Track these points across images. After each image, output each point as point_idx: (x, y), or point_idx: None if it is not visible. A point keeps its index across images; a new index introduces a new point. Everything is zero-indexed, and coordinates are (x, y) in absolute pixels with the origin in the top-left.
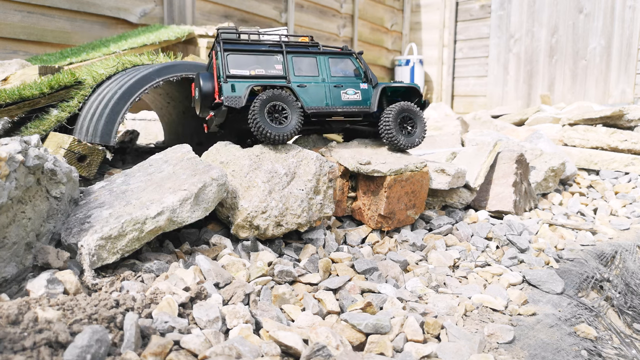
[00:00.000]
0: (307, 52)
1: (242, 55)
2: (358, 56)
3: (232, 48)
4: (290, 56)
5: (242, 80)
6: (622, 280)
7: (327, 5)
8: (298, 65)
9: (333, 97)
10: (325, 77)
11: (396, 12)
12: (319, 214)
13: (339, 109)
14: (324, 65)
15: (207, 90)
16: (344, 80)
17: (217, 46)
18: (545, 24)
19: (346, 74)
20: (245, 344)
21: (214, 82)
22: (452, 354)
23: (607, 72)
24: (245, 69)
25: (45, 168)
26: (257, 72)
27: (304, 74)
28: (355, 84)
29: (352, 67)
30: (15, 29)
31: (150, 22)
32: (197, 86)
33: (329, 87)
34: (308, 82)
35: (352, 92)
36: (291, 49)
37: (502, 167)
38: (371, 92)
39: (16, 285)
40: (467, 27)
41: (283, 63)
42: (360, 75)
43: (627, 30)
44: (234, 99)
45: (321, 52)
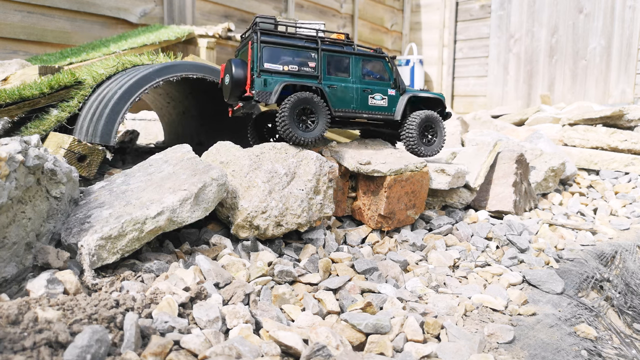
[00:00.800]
0: (341, 51)
1: (277, 48)
2: (390, 60)
3: (269, 40)
4: (324, 54)
5: (274, 75)
6: (622, 280)
7: (327, 5)
8: (331, 65)
9: (360, 101)
10: (355, 80)
11: (396, 12)
12: (319, 214)
13: (364, 114)
14: (356, 67)
15: (238, 78)
16: (373, 84)
17: (253, 35)
18: (545, 24)
19: (376, 77)
20: (245, 344)
21: (247, 71)
22: (452, 354)
23: (607, 72)
24: (278, 64)
25: (45, 168)
26: (290, 69)
27: (335, 75)
28: (384, 89)
29: (382, 71)
30: (15, 29)
31: (150, 22)
32: (227, 72)
33: (358, 91)
34: (338, 83)
35: (379, 98)
36: (326, 46)
37: (502, 167)
38: (398, 99)
39: (16, 285)
40: (467, 27)
41: (317, 61)
42: (389, 80)
43: (627, 30)
44: (264, 95)
45: (355, 52)
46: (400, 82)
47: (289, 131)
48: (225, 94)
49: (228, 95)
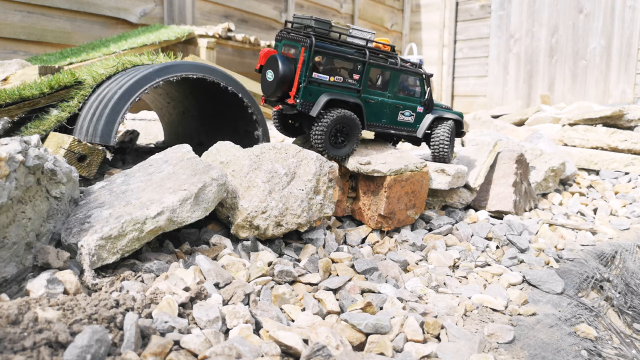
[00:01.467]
0: (385, 66)
1: (328, 57)
2: (427, 79)
3: (322, 48)
4: (370, 67)
5: (320, 87)
6: (622, 280)
7: (327, 5)
8: (372, 78)
9: (391, 116)
10: (391, 95)
11: (396, 12)
12: (319, 214)
13: (392, 130)
14: (394, 82)
15: (283, 78)
16: (405, 100)
17: (307, 40)
18: (545, 24)
19: (409, 92)
20: (245, 344)
21: (293, 71)
22: (452, 354)
23: (607, 72)
24: (326, 74)
25: (45, 168)
26: (336, 80)
27: (375, 89)
28: (414, 106)
29: (416, 87)
30: (15, 29)
31: (150, 22)
32: (270, 68)
33: (391, 107)
34: (375, 98)
35: (407, 114)
36: (373, 59)
37: (502, 167)
38: (424, 116)
39: (16, 285)
40: (467, 27)
41: (361, 73)
42: (420, 96)
43: (627, 30)
44: (308, 105)
45: (397, 68)
46: (430, 99)
47: (322, 146)
48: (265, 89)
49: (269, 92)
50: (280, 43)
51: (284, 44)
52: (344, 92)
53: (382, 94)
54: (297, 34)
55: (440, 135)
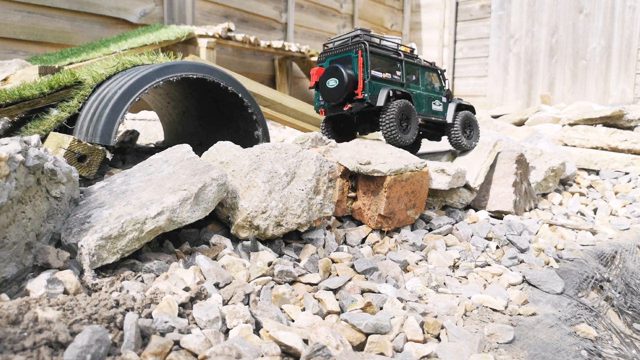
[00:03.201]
0: (415, 63)
1: (378, 58)
2: (442, 73)
3: (373, 51)
4: (405, 65)
5: (380, 82)
6: (622, 280)
7: (327, 5)
8: (409, 74)
9: (428, 106)
10: (423, 88)
11: (396, 12)
12: (319, 214)
13: (432, 117)
14: (423, 77)
15: (348, 79)
16: (432, 92)
17: (362, 46)
18: (545, 24)
19: (432, 86)
20: (245, 344)
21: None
22: (452, 354)
23: (607, 72)
24: (379, 72)
25: (45, 168)
26: (386, 76)
27: (413, 83)
28: (439, 96)
29: (436, 81)
30: (15, 29)
31: (150, 22)
32: (334, 76)
33: (426, 97)
34: (415, 91)
35: (438, 104)
36: (407, 58)
37: (502, 167)
38: (447, 105)
39: (16, 285)
40: (467, 27)
41: (401, 70)
42: (441, 89)
43: (627, 30)
44: (374, 98)
45: (422, 65)
46: (449, 90)
47: (394, 133)
48: (330, 96)
49: (337, 96)
50: (324, 62)
51: (329, 61)
52: (396, 86)
53: (418, 88)
54: (344, 46)
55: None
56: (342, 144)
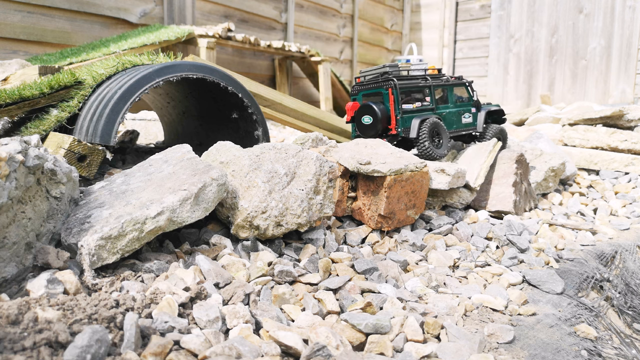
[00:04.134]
0: (442, 84)
1: (407, 91)
2: (470, 85)
3: (402, 85)
4: (434, 88)
5: (411, 114)
6: (622, 280)
7: (327, 5)
8: (437, 96)
9: (457, 121)
10: (452, 105)
11: (396, 12)
12: (319, 214)
13: (462, 131)
14: (451, 94)
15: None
16: (462, 106)
17: (390, 83)
18: (545, 24)
19: (461, 99)
20: (245, 344)
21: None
22: (452, 354)
23: (607, 72)
24: (410, 104)
25: (45, 168)
26: (417, 106)
27: (442, 104)
28: (468, 108)
29: (464, 93)
30: (15, 29)
31: (150, 22)
32: (367, 114)
33: (456, 113)
34: (445, 110)
35: (467, 116)
36: (434, 82)
37: (502, 167)
38: (477, 114)
39: (16, 285)
40: (467, 27)
41: (430, 95)
42: (470, 100)
43: (627, 30)
44: (407, 131)
45: (449, 83)
46: (477, 100)
47: (429, 150)
48: (366, 132)
49: (373, 132)
50: (357, 96)
51: (362, 94)
52: (426, 113)
53: (448, 107)
54: (375, 82)
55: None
56: (342, 144)
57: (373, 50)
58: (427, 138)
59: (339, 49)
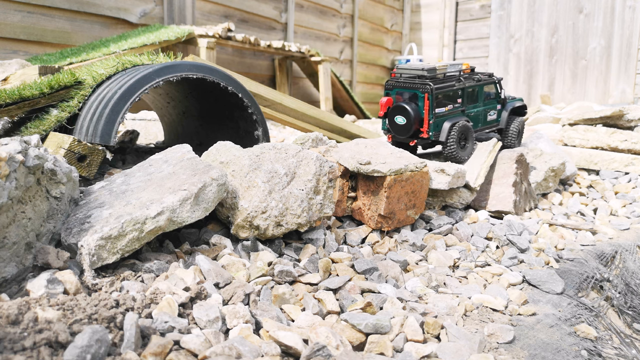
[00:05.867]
0: (474, 84)
1: (443, 94)
2: (499, 82)
3: (438, 90)
4: (466, 89)
5: (442, 117)
6: (622, 280)
7: (327, 5)
8: (468, 97)
9: (484, 118)
10: (480, 103)
11: (396, 12)
12: (319, 214)
13: (486, 128)
14: (481, 93)
15: (414, 118)
16: (489, 103)
17: (427, 88)
18: (545, 24)
19: (489, 96)
20: (245, 343)
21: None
22: (452, 354)
23: (607, 72)
24: (442, 107)
25: (45, 168)
26: (448, 109)
27: (472, 103)
28: (494, 105)
29: (492, 90)
30: (15, 29)
31: (150, 22)
32: (400, 114)
33: (483, 112)
34: (474, 110)
35: (492, 113)
36: (468, 83)
37: (502, 167)
38: (502, 111)
39: (16, 285)
40: (467, 27)
41: (462, 97)
42: (497, 97)
43: (627, 30)
44: (437, 134)
45: (481, 82)
46: (504, 98)
47: (455, 154)
48: (398, 132)
49: (405, 134)
50: (391, 91)
51: (396, 91)
52: (456, 115)
53: (477, 106)
54: (411, 82)
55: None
56: (342, 144)
57: (373, 50)
58: (455, 142)
59: (339, 49)
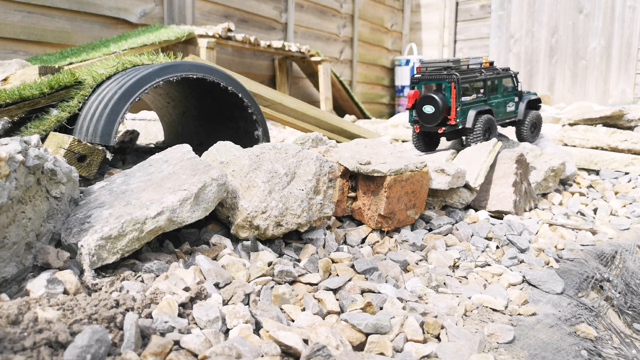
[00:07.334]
0: (494, 76)
1: (468, 84)
2: (516, 76)
3: (464, 79)
4: (487, 80)
5: (468, 106)
6: (622, 280)
7: (327, 5)
8: (489, 88)
9: (503, 110)
10: (500, 95)
11: (396, 12)
12: (319, 214)
13: (506, 119)
14: (500, 85)
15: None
16: (507, 96)
17: (454, 77)
18: (545, 24)
19: (507, 89)
20: (245, 344)
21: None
22: (452, 354)
23: (607, 72)
24: (467, 96)
25: (45, 168)
26: (472, 98)
27: (493, 94)
28: (512, 97)
29: (510, 84)
30: (15, 29)
31: (150, 22)
32: (428, 104)
33: (502, 103)
34: (495, 101)
35: (511, 105)
36: (488, 74)
37: (502, 167)
38: (519, 103)
39: (16, 285)
40: (467, 27)
41: (484, 87)
42: (514, 90)
43: (627, 30)
44: (464, 121)
45: (499, 75)
46: (521, 91)
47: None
48: (427, 121)
49: (433, 122)
50: (418, 84)
51: (422, 84)
52: (480, 104)
53: (496, 97)
54: (438, 74)
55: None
56: (342, 144)
57: (373, 50)
58: (481, 132)
59: (339, 49)
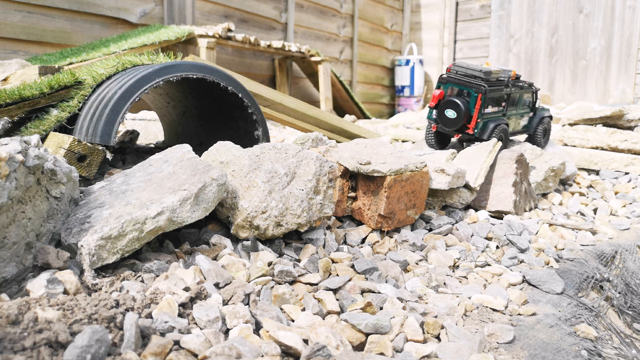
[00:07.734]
0: (517, 91)
1: (492, 96)
2: (536, 92)
3: (491, 92)
4: (510, 95)
5: (488, 118)
6: (622, 280)
7: (327, 5)
8: (510, 102)
9: (517, 124)
10: (517, 109)
11: (396, 12)
12: (319, 214)
13: (517, 134)
14: (520, 99)
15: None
16: (522, 110)
17: (481, 88)
18: (545, 24)
19: (525, 104)
20: (245, 343)
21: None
22: (452, 354)
23: (607, 72)
24: (489, 108)
25: (45, 168)
26: (493, 110)
27: (511, 109)
28: (527, 112)
29: (529, 98)
30: (15, 29)
31: (150, 22)
32: (451, 108)
33: (517, 117)
34: (511, 115)
35: (525, 120)
36: (513, 89)
37: (502, 167)
38: (533, 118)
39: (16, 285)
40: (467, 27)
41: (506, 101)
42: (530, 105)
43: (627, 30)
44: (482, 132)
45: (522, 89)
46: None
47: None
48: (447, 124)
49: (454, 127)
50: (445, 85)
51: (449, 86)
52: (499, 117)
53: (514, 111)
54: (466, 81)
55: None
56: (342, 144)
57: (373, 50)
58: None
59: (339, 49)
